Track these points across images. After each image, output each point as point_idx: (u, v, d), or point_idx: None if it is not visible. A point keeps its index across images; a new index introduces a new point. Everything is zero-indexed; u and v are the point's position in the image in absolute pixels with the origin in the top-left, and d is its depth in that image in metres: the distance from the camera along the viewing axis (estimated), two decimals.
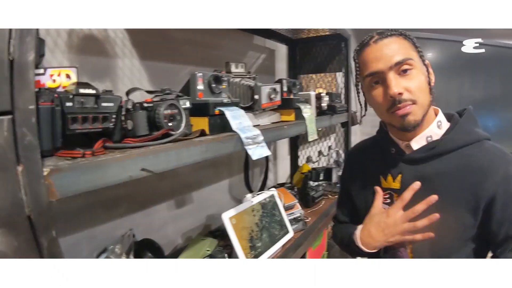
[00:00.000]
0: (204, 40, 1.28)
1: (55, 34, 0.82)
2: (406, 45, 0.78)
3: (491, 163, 0.75)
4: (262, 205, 1.10)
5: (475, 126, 0.82)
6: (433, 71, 0.82)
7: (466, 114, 0.83)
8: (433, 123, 0.81)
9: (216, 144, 0.72)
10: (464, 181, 0.75)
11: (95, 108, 0.60)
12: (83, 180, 0.48)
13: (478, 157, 0.76)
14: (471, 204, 0.75)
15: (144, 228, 1.08)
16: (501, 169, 0.74)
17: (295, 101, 1.14)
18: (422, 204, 0.77)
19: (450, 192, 0.76)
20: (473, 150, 0.77)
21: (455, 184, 0.76)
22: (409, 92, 0.75)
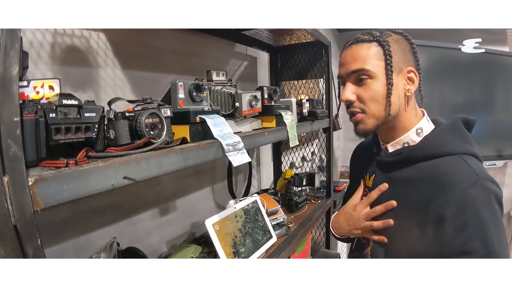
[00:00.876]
0: (185, 48, 1.32)
1: (38, 45, 0.84)
2: (373, 54, 0.78)
3: (452, 181, 0.71)
4: (245, 211, 1.13)
5: (456, 138, 0.78)
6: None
7: (449, 124, 0.82)
8: (412, 130, 0.82)
9: (197, 151, 0.75)
10: (421, 192, 0.75)
11: (78, 118, 0.63)
12: (66, 189, 0.50)
13: (441, 171, 0.74)
14: (420, 217, 0.74)
15: (128, 237, 1.09)
16: (458, 188, 0.69)
17: (276, 107, 1.19)
18: (381, 207, 0.82)
19: (406, 201, 0.78)
20: (443, 163, 0.75)
21: (412, 194, 0.76)
22: (360, 101, 0.81)
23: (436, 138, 0.79)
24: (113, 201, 1.06)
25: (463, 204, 0.68)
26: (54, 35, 0.87)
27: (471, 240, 0.66)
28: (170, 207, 1.30)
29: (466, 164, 0.73)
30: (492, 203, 0.68)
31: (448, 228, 0.68)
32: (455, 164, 0.73)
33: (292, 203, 1.55)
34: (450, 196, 0.69)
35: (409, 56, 0.81)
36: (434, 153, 0.76)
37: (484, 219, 0.66)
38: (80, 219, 0.96)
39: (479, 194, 0.68)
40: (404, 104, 0.81)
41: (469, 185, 0.69)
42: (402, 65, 0.80)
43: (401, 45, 0.80)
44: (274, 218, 1.30)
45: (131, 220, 1.13)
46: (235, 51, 1.64)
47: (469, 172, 0.71)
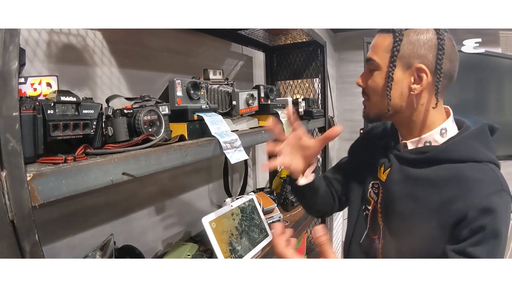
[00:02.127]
0: (182, 47, 1.32)
1: (34, 44, 0.83)
2: (383, 45, 0.78)
3: (475, 184, 0.70)
4: (241, 209, 1.14)
5: (482, 145, 0.77)
6: None
7: (476, 130, 0.79)
8: (435, 129, 0.80)
9: (196, 148, 0.75)
10: (443, 195, 0.73)
11: (76, 115, 0.62)
12: (65, 185, 0.50)
13: (467, 175, 0.72)
14: (441, 221, 0.72)
15: (124, 235, 1.09)
16: (482, 194, 0.69)
17: (273, 106, 1.19)
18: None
19: (426, 203, 0.76)
20: (467, 168, 0.73)
21: (433, 196, 0.75)
22: (367, 88, 0.83)
23: (464, 142, 0.77)
24: (109, 200, 1.05)
25: (484, 210, 0.67)
26: (50, 33, 0.87)
27: (479, 245, 0.66)
28: (166, 205, 1.30)
29: (493, 172, 0.73)
30: (507, 216, 0.69)
31: (465, 229, 0.68)
32: (482, 171, 0.72)
33: (287, 202, 1.55)
34: (474, 200, 0.68)
35: (427, 53, 0.75)
36: (461, 157, 0.75)
37: (498, 230, 0.67)
38: (76, 217, 0.95)
39: (500, 203, 0.68)
40: (409, 102, 0.79)
41: (494, 192, 0.69)
42: (412, 61, 0.76)
43: (423, 38, 0.75)
44: (270, 217, 1.30)
45: (127, 218, 1.12)
46: (231, 50, 1.64)
47: (495, 181, 0.71)
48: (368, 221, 0.93)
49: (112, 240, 0.84)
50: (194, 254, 0.98)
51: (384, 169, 0.88)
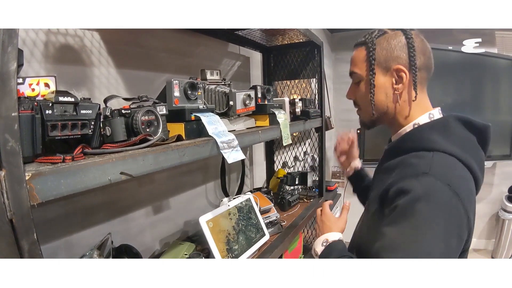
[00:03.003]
0: (179, 48, 1.32)
1: (31, 44, 0.84)
2: (360, 57, 0.86)
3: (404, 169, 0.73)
4: (238, 209, 1.14)
5: (439, 135, 0.76)
6: None
7: (436, 121, 0.82)
8: (409, 124, 0.84)
9: (193, 148, 0.76)
10: (387, 180, 0.76)
11: (74, 115, 0.63)
12: (63, 184, 0.51)
13: (407, 162, 0.75)
14: (378, 202, 0.77)
15: (122, 235, 1.09)
16: (403, 175, 0.71)
17: (270, 106, 1.20)
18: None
19: (378, 188, 0.81)
20: (412, 155, 0.76)
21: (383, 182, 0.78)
22: (356, 99, 0.92)
23: (419, 132, 0.80)
24: (107, 199, 1.05)
25: (399, 191, 0.68)
26: (47, 33, 0.87)
27: (391, 224, 0.67)
28: (163, 205, 1.30)
29: (430, 159, 0.71)
30: (421, 204, 0.64)
31: (386, 208, 0.72)
32: (421, 157, 0.73)
33: (284, 201, 1.56)
34: (397, 182, 0.70)
35: (399, 53, 0.80)
36: (414, 146, 0.78)
37: (410, 211, 0.64)
38: (73, 216, 0.95)
39: (417, 186, 0.66)
40: (395, 101, 0.84)
41: (413, 175, 0.69)
42: (390, 64, 0.81)
43: (393, 42, 0.81)
44: (267, 216, 1.31)
45: (125, 218, 1.13)
46: (228, 51, 1.65)
47: (424, 166, 0.69)
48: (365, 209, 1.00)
49: (109, 239, 0.84)
50: (191, 254, 0.98)
51: None
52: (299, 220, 1.46)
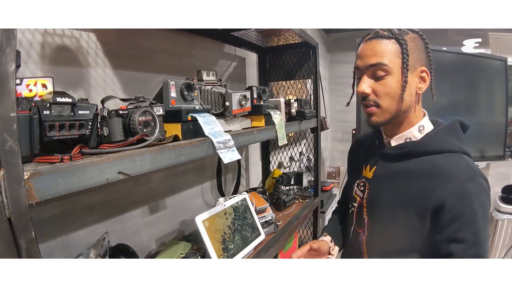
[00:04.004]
0: (175, 49, 1.33)
1: (28, 45, 0.84)
2: (391, 50, 0.81)
3: (450, 173, 0.78)
4: (234, 209, 1.15)
5: (454, 138, 0.85)
6: None
7: (448, 125, 0.89)
8: (415, 126, 0.88)
9: (189, 148, 0.77)
10: (420, 184, 0.81)
11: (72, 116, 0.63)
12: (61, 184, 0.51)
13: (441, 165, 0.80)
14: (420, 208, 0.79)
15: (118, 234, 1.10)
16: (457, 181, 0.76)
17: (265, 107, 1.21)
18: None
19: (405, 193, 0.83)
20: (441, 158, 0.81)
21: (412, 186, 0.82)
22: (375, 95, 0.84)
23: (438, 135, 0.86)
24: (104, 199, 1.06)
25: (460, 197, 0.75)
26: (44, 34, 0.88)
27: (463, 229, 0.74)
28: (160, 205, 1.31)
29: (464, 160, 0.81)
30: (483, 198, 0.76)
31: (445, 217, 0.76)
32: (454, 160, 0.81)
33: (280, 201, 1.57)
34: (450, 188, 0.76)
35: (423, 56, 0.85)
36: (435, 149, 0.83)
37: (476, 212, 0.75)
38: (70, 216, 0.96)
39: (473, 188, 0.76)
40: (414, 101, 0.87)
41: (467, 179, 0.76)
42: (416, 64, 0.83)
43: (417, 44, 0.84)
44: (263, 216, 1.32)
45: (121, 217, 1.13)
46: (224, 51, 1.66)
47: (467, 168, 0.79)
48: (354, 217, 1.00)
49: (106, 238, 0.85)
50: (187, 253, 0.99)
51: (370, 167, 0.96)
52: (294, 220, 1.47)
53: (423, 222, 0.79)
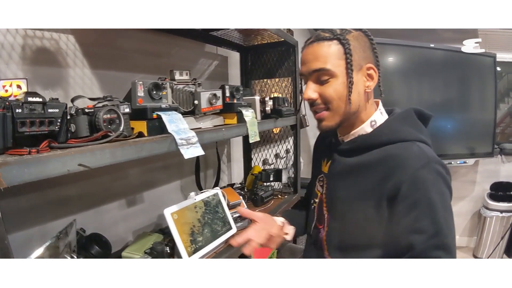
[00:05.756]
0: (153, 49, 1.45)
1: (9, 47, 0.96)
2: (333, 52, 0.84)
3: (402, 160, 0.80)
4: (205, 203, 1.27)
5: (408, 126, 0.88)
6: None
7: (401, 114, 0.92)
8: (366, 122, 0.92)
9: (150, 144, 0.88)
10: (374, 175, 0.84)
11: (42, 114, 0.75)
12: (27, 173, 0.63)
13: (393, 154, 0.83)
14: (375, 199, 0.82)
15: (95, 225, 1.21)
16: (411, 169, 0.78)
17: (237, 105, 1.32)
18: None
19: (360, 185, 0.87)
20: (394, 147, 0.84)
21: (366, 177, 0.86)
22: (322, 100, 0.88)
23: (389, 126, 0.90)
24: (80, 192, 1.18)
25: (414, 184, 0.77)
26: (24, 37, 0.99)
27: (421, 219, 0.75)
28: (137, 199, 1.43)
29: (418, 147, 0.83)
30: (441, 185, 0.78)
31: (400, 206, 0.77)
32: (408, 148, 0.83)
33: (257, 197, 1.69)
34: (403, 176, 0.78)
35: (368, 53, 0.88)
36: (388, 139, 0.86)
37: (433, 200, 0.75)
38: (48, 206, 1.08)
39: (429, 175, 0.77)
40: (364, 100, 0.90)
41: (421, 166, 0.78)
42: (361, 62, 0.87)
43: (361, 42, 0.87)
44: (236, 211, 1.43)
45: (98, 209, 1.26)
46: (204, 51, 1.77)
47: (421, 155, 0.81)
48: (315, 212, 1.07)
49: (74, 225, 0.96)
50: (154, 243, 1.10)
51: (326, 162, 1.04)
52: None
53: (380, 213, 0.81)
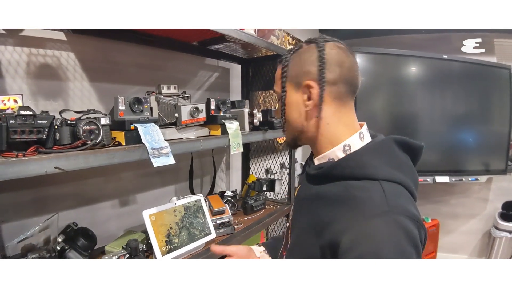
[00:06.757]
0: (150, 63, 1.68)
1: (15, 64, 1.22)
2: (278, 75, 0.90)
3: (358, 205, 0.70)
4: (186, 208, 1.46)
5: (381, 160, 0.78)
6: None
7: (376, 144, 0.82)
8: (338, 146, 0.83)
9: (122, 152, 1.08)
10: (328, 212, 0.76)
11: (32, 124, 0.97)
12: (10, 171, 0.85)
13: (352, 195, 0.73)
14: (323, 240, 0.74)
15: (87, 221, 1.44)
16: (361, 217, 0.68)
17: (220, 118, 1.50)
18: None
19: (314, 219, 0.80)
20: (357, 185, 0.74)
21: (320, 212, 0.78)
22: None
23: (358, 157, 0.79)
24: (74, 191, 1.42)
25: (361, 236, 0.66)
26: (29, 55, 1.25)
27: None
28: (130, 200, 1.66)
29: (381, 191, 0.71)
30: (401, 242, 0.64)
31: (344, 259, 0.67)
32: (369, 190, 0.72)
33: (247, 206, 1.85)
34: (350, 223, 0.68)
35: (309, 68, 0.82)
36: (352, 173, 0.76)
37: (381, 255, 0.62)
38: (45, 202, 1.32)
39: (384, 228, 0.65)
40: (308, 119, 0.85)
41: (376, 215, 0.67)
42: (300, 79, 0.83)
43: (305, 56, 0.84)
44: (220, 218, 1.61)
45: (91, 207, 1.49)
46: (205, 63, 1.98)
47: (380, 202, 0.69)
48: (285, 237, 1.04)
49: (57, 218, 1.19)
50: (128, 240, 1.30)
51: (298, 185, 1.01)
52: (255, 224, 1.75)
53: (314, 256, 0.75)
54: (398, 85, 2.84)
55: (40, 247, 1.12)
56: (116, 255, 1.24)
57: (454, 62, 2.75)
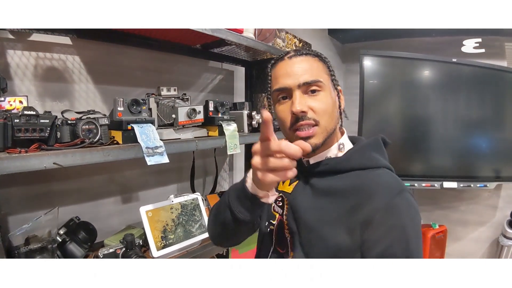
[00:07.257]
0: (155, 66, 1.79)
1: (23, 67, 1.35)
2: (319, 67, 0.90)
3: (378, 188, 0.84)
4: (182, 205, 1.56)
5: (377, 153, 0.94)
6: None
7: (371, 141, 0.97)
8: (334, 145, 0.94)
9: (117, 151, 1.19)
10: (348, 201, 0.85)
11: (35, 123, 1.09)
12: (13, 166, 0.96)
13: (368, 181, 0.86)
14: (348, 225, 0.83)
15: (90, 216, 1.56)
16: (386, 197, 0.82)
17: (218, 119, 1.60)
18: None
19: (333, 211, 0.87)
20: (367, 174, 0.88)
21: (340, 203, 0.86)
22: (313, 112, 0.87)
23: (363, 152, 0.93)
24: (79, 186, 1.54)
25: (389, 212, 0.81)
26: (36, 58, 1.38)
27: (393, 245, 0.79)
28: (133, 197, 1.77)
29: (391, 175, 0.90)
30: (413, 213, 0.84)
31: (375, 232, 0.80)
32: (381, 175, 0.88)
33: None
34: (378, 204, 0.81)
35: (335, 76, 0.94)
36: (361, 165, 0.90)
37: (406, 227, 0.81)
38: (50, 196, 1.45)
39: (402, 203, 0.83)
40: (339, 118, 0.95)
41: (395, 194, 0.83)
42: (335, 82, 0.94)
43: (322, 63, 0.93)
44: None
45: (94, 203, 1.61)
46: (208, 66, 2.09)
47: (394, 183, 0.86)
48: (274, 236, 1.03)
49: (57, 212, 1.31)
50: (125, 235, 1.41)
51: (290, 182, 1.01)
52: None
53: (353, 240, 0.83)
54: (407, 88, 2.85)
55: (40, 238, 1.24)
56: (112, 248, 1.34)
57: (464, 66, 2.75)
